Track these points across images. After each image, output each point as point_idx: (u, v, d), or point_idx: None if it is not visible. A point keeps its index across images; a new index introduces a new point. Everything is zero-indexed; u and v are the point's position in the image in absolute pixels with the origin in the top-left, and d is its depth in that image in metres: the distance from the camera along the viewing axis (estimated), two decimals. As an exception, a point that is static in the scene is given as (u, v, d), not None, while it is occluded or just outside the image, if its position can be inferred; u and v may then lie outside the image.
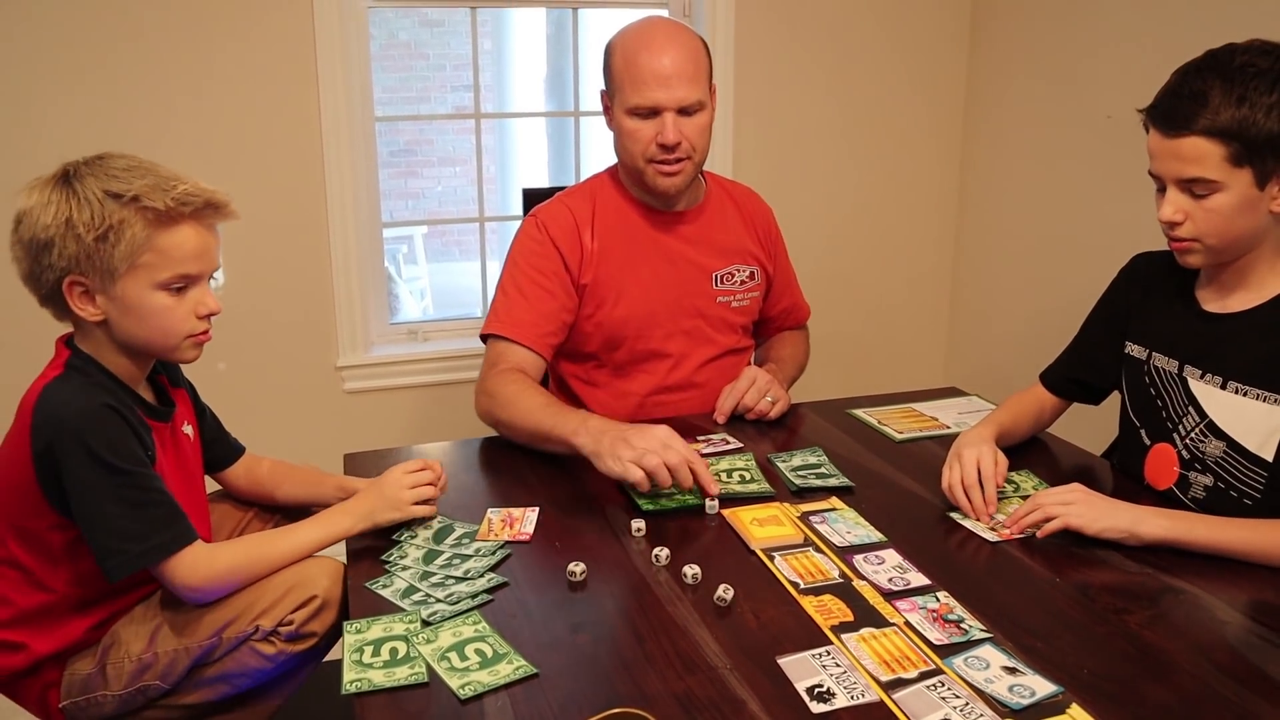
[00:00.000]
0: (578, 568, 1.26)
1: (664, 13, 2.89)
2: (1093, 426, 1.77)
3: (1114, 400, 1.63)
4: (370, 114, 2.68)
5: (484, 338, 1.83)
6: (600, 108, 1.88)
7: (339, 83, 2.57)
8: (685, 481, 1.41)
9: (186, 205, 1.26)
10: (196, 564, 1.27)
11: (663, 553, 1.30)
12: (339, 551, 1.37)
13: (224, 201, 1.31)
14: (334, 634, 1.35)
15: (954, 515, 1.43)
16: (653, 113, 1.75)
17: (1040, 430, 1.72)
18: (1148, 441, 1.52)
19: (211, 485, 1.56)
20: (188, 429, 1.46)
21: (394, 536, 1.37)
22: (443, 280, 6.23)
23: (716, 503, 1.44)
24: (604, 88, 1.85)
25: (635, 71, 1.74)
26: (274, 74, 2.54)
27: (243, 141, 2.55)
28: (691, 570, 1.25)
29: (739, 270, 1.95)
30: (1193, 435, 1.45)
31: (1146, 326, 1.55)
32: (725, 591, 1.20)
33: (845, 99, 3.04)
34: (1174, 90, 1.33)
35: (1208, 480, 1.43)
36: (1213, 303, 1.46)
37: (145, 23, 2.42)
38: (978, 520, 1.42)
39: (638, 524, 1.37)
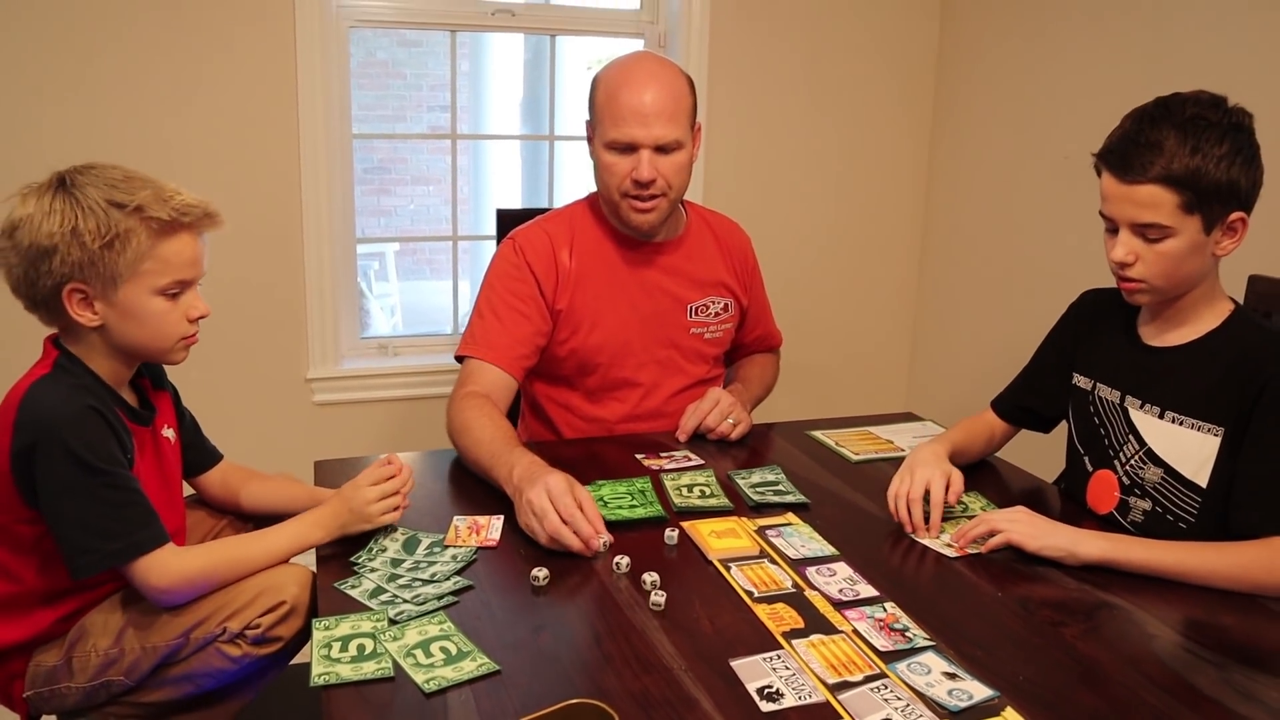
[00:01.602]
0: (541, 573, 1.30)
1: (640, 42, 2.97)
2: (1045, 455, 1.84)
3: (1066, 429, 1.70)
4: (348, 131, 2.72)
5: (459, 359, 1.85)
6: (582, 134, 1.91)
7: (319, 99, 2.61)
8: (571, 545, 1.36)
9: (186, 216, 1.31)
10: (167, 566, 1.30)
11: (623, 561, 1.34)
12: (309, 556, 1.40)
13: (216, 212, 1.37)
14: (300, 640, 1.38)
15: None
16: (629, 148, 1.77)
17: (989, 454, 1.78)
18: (1090, 468, 1.59)
19: (187, 490, 1.59)
20: (168, 432, 1.49)
21: (367, 546, 1.40)
22: (413, 298, 6.26)
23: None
24: (588, 118, 1.87)
25: (615, 107, 1.77)
26: (255, 89, 2.58)
27: (223, 154, 2.58)
28: (651, 578, 1.30)
29: (714, 302, 1.99)
30: (1132, 462, 1.52)
31: (1092, 358, 1.62)
32: (659, 594, 1.26)
33: (814, 129, 3.12)
34: (1130, 137, 1.39)
35: (1146, 505, 1.50)
36: (1153, 337, 1.53)
37: (131, 36, 2.45)
38: (914, 534, 1.48)
39: (603, 535, 1.41)
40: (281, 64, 2.58)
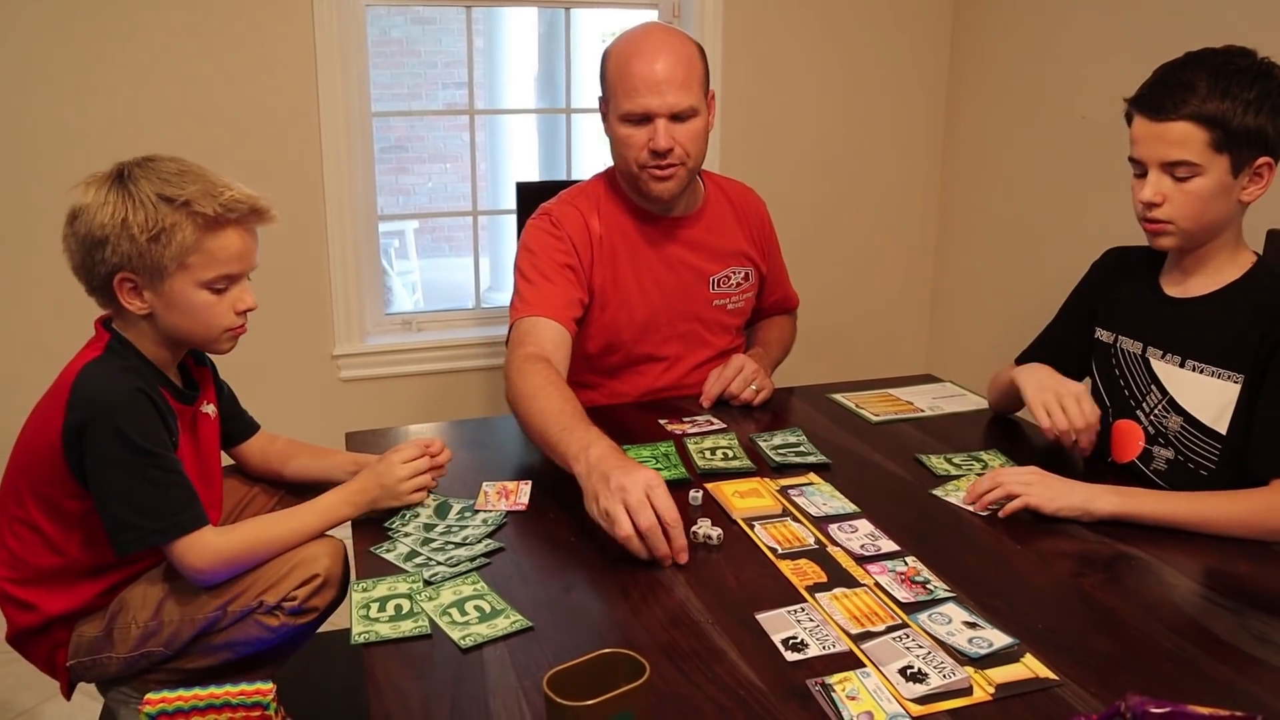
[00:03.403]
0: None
1: (654, 13, 2.97)
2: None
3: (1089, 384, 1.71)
4: (367, 109, 2.75)
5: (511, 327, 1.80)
6: (596, 109, 1.90)
7: (337, 79, 2.64)
8: (658, 549, 1.26)
9: (233, 211, 1.35)
10: (205, 548, 1.34)
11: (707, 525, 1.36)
12: (344, 524, 1.44)
13: (266, 208, 1.40)
14: (333, 608, 1.44)
15: (936, 493, 1.50)
16: (645, 119, 1.77)
17: (1013, 411, 1.80)
18: (1112, 419, 1.60)
19: (226, 460, 1.63)
20: (208, 408, 1.53)
21: (400, 513, 1.44)
22: (433, 275, 6.30)
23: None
24: (601, 94, 1.87)
25: (627, 78, 1.76)
26: (275, 70, 2.60)
27: (244, 136, 2.61)
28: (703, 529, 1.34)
29: (735, 273, 1.99)
30: (1155, 412, 1.53)
31: (1114, 312, 1.64)
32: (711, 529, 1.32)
33: (831, 97, 3.12)
34: (1162, 80, 1.43)
35: (1169, 453, 1.52)
36: (1174, 288, 1.55)
37: (148, 20, 2.48)
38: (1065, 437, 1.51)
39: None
40: (300, 44, 2.60)
